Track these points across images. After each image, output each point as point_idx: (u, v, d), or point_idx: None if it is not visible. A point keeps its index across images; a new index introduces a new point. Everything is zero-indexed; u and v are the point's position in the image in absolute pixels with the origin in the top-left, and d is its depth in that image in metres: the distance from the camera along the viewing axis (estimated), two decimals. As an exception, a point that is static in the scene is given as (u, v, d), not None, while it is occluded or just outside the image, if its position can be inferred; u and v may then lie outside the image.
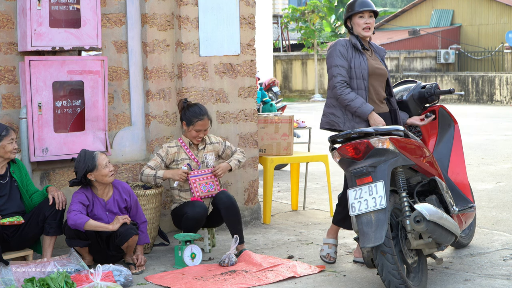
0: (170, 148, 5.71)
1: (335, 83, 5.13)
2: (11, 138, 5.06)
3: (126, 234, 5.14)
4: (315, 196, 8.24)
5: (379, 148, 4.50)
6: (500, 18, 32.61)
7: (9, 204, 5.10)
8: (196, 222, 5.49)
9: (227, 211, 5.52)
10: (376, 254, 4.40)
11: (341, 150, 4.62)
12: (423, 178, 4.88)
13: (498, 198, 7.77)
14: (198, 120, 5.67)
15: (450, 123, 5.63)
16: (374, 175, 4.48)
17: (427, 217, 4.42)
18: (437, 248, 4.68)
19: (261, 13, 20.19)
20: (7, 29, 5.60)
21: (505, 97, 23.53)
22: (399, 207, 4.65)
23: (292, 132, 6.95)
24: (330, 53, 5.22)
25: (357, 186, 4.52)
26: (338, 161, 4.70)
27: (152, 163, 5.66)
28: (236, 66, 6.51)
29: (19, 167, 5.21)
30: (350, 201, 4.50)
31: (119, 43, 6.14)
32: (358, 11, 5.21)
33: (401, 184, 4.62)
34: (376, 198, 4.41)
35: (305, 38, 29.08)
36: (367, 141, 4.52)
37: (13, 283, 4.76)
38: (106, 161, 5.20)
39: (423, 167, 4.80)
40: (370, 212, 4.42)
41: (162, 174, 5.61)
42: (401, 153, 4.57)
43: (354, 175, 4.54)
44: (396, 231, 4.58)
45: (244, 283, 4.88)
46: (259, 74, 13.18)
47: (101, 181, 5.21)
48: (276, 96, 15.72)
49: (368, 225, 4.40)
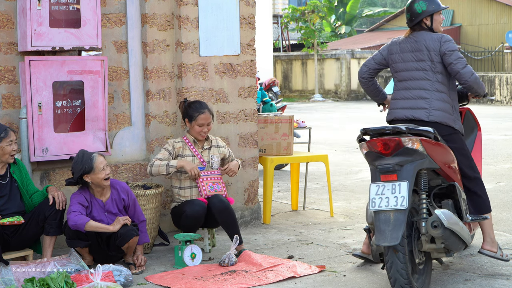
0: (176, 143, 5.74)
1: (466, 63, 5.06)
2: (10, 140, 5.03)
3: (127, 235, 5.14)
4: (315, 196, 8.24)
5: (408, 147, 4.49)
6: (500, 18, 32.61)
7: (9, 204, 5.10)
8: (195, 221, 5.50)
9: (221, 215, 5.53)
10: (387, 250, 4.39)
11: (370, 143, 4.58)
12: (443, 182, 4.87)
13: (498, 198, 7.77)
14: (200, 114, 5.70)
15: (474, 128, 5.58)
16: (399, 174, 4.46)
17: (445, 224, 4.42)
18: (446, 254, 4.67)
19: (261, 13, 20.20)
20: (7, 29, 5.60)
21: (505, 97, 23.52)
22: (416, 207, 4.63)
23: (292, 132, 6.95)
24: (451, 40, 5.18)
25: (380, 182, 4.50)
26: (365, 153, 4.65)
27: (161, 155, 5.68)
28: (236, 66, 6.51)
29: (19, 167, 5.20)
30: (371, 195, 4.47)
31: (119, 43, 6.14)
32: (443, 7, 5.21)
33: (422, 186, 4.60)
34: (398, 198, 4.39)
35: (305, 38, 29.07)
36: (399, 139, 4.50)
37: (13, 283, 4.76)
38: (103, 164, 5.18)
39: (446, 172, 4.78)
40: (390, 211, 4.39)
41: (175, 163, 5.60)
42: (428, 155, 4.56)
43: (380, 170, 4.51)
44: (409, 231, 4.55)
45: (244, 283, 4.89)
46: (259, 74, 13.19)
47: (97, 184, 5.21)
48: (276, 96, 15.74)
49: (386, 223, 4.37)
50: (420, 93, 5.04)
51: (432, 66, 5.05)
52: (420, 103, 5.02)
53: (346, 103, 26.96)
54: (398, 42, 5.25)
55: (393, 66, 5.25)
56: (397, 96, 5.19)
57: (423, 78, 5.06)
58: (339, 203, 7.78)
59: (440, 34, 5.14)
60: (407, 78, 5.14)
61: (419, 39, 5.12)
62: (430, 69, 5.06)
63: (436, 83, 5.05)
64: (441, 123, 4.97)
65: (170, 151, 5.70)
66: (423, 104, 5.01)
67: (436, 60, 5.04)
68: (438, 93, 5.03)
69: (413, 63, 5.12)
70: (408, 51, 5.14)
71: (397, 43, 5.25)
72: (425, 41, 5.08)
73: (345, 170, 10.20)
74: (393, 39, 5.34)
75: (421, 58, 5.08)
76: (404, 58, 5.17)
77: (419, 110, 5.00)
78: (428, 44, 5.06)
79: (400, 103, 5.13)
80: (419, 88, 5.06)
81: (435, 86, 5.04)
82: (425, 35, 5.12)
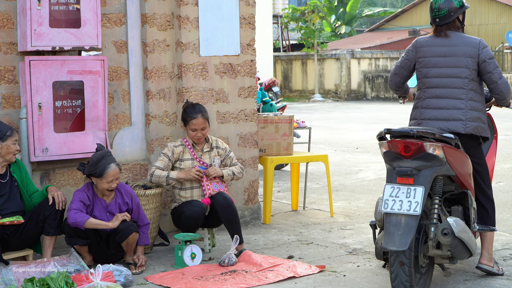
0: (176, 147, 5.72)
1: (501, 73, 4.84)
2: (15, 139, 5.09)
3: (126, 231, 5.14)
4: (315, 196, 8.24)
5: (429, 153, 4.41)
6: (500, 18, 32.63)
7: (9, 203, 5.10)
8: (194, 221, 5.50)
9: (224, 212, 5.53)
10: (393, 262, 4.33)
11: (391, 143, 4.47)
12: (456, 188, 4.80)
13: (498, 198, 7.76)
14: (192, 119, 5.69)
15: (491, 134, 5.45)
16: (416, 178, 4.39)
17: (456, 233, 4.38)
18: (449, 261, 4.59)
19: (261, 13, 20.21)
20: (7, 29, 5.60)
21: (505, 97, 23.52)
22: (427, 211, 4.54)
23: (292, 132, 6.95)
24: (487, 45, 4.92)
25: (396, 184, 4.42)
26: (384, 152, 4.55)
27: (160, 163, 5.66)
28: (236, 66, 6.51)
29: (19, 166, 5.21)
30: (385, 196, 4.40)
31: (119, 43, 6.14)
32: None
33: (437, 191, 4.53)
34: (412, 203, 4.32)
35: (305, 38, 29.08)
36: (421, 144, 4.40)
37: (13, 283, 4.76)
38: (115, 178, 5.18)
39: (461, 180, 4.70)
40: (402, 215, 4.32)
41: (175, 175, 5.61)
42: (447, 162, 4.49)
43: (397, 172, 4.43)
44: (417, 234, 4.46)
45: (244, 283, 4.89)
46: (259, 74, 13.18)
47: (99, 188, 5.22)
48: (276, 96, 15.73)
49: (396, 227, 4.30)
50: (455, 103, 4.78)
51: (469, 73, 4.79)
52: (455, 114, 4.77)
53: (346, 103, 26.96)
54: (427, 44, 4.91)
55: (420, 71, 4.93)
56: (426, 105, 4.89)
57: (457, 87, 4.79)
58: (339, 203, 7.79)
59: (477, 38, 4.85)
60: (439, 85, 4.84)
61: (454, 43, 4.82)
62: (466, 77, 4.78)
63: (471, 91, 4.79)
64: (476, 134, 4.81)
65: (170, 157, 5.69)
66: (458, 115, 4.77)
67: (473, 67, 4.78)
68: (473, 102, 4.79)
69: (447, 70, 4.82)
70: (441, 55, 4.83)
71: (425, 45, 4.92)
72: (462, 46, 4.79)
73: (345, 170, 10.20)
74: (418, 39, 4.98)
75: (456, 65, 4.79)
76: (436, 63, 4.86)
77: (454, 122, 4.76)
78: (466, 50, 4.78)
79: (433, 113, 4.84)
80: (453, 97, 4.79)
81: (469, 95, 4.79)
82: (460, 39, 4.83)
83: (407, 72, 5.05)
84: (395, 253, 4.32)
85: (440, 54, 4.84)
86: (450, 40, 4.85)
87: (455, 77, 4.80)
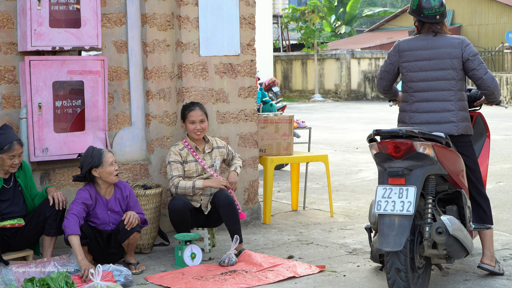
0: (181, 150, 5.72)
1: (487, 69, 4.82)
2: (13, 154, 4.97)
3: (128, 230, 5.14)
4: (315, 196, 8.24)
5: (420, 152, 4.39)
6: (500, 18, 32.62)
7: (12, 208, 5.09)
8: (179, 215, 5.48)
9: (225, 209, 5.53)
10: (390, 269, 4.32)
11: (381, 144, 4.47)
12: (449, 188, 4.79)
13: (498, 198, 7.77)
14: (190, 111, 5.72)
15: (483, 133, 5.45)
16: (408, 178, 4.38)
17: (450, 231, 4.36)
18: (446, 261, 4.58)
19: (261, 13, 20.22)
20: (7, 29, 5.60)
21: (505, 97, 23.52)
22: (420, 211, 4.53)
23: (292, 132, 6.95)
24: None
25: (388, 185, 4.43)
26: (375, 154, 4.55)
27: (177, 171, 5.63)
28: (236, 66, 6.51)
29: (24, 171, 5.18)
30: (377, 197, 4.40)
31: (119, 43, 6.14)
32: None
33: (429, 191, 4.52)
34: (404, 203, 4.31)
35: (305, 38, 29.09)
36: (411, 143, 4.39)
37: (13, 283, 4.76)
38: (112, 160, 5.22)
39: (454, 179, 4.70)
40: (395, 215, 4.31)
41: (201, 184, 5.59)
42: (439, 161, 4.48)
43: (389, 173, 4.43)
44: (412, 235, 4.46)
45: (244, 283, 4.89)
46: (259, 74, 13.19)
47: (105, 179, 5.21)
48: (276, 96, 15.75)
49: (390, 228, 4.29)
50: (445, 105, 4.78)
51: (455, 74, 4.79)
52: (446, 116, 4.78)
53: (346, 103, 26.97)
54: (409, 47, 4.90)
55: (405, 75, 4.91)
56: (416, 109, 4.87)
57: (445, 89, 4.79)
58: (339, 203, 7.79)
59: (459, 37, 4.84)
60: (426, 89, 4.83)
61: (436, 45, 4.82)
62: (453, 78, 4.79)
63: (459, 92, 4.80)
64: (466, 134, 4.83)
65: (180, 161, 5.68)
66: (449, 117, 4.77)
67: (459, 67, 4.79)
68: (461, 102, 4.81)
69: (433, 73, 4.81)
70: (425, 59, 4.83)
71: (407, 49, 4.90)
72: (445, 48, 4.79)
73: (345, 170, 10.20)
74: (400, 43, 4.96)
75: (442, 67, 4.80)
76: (421, 67, 4.85)
77: (446, 124, 4.76)
78: (450, 51, 4.78)
79: (423, 116, 4.83)
80: (442, 99, 4.80)
81: (458, 96, 4.79)
82: (443, 40, 4.83)
83: (392, 75, 5.05)
84: (391, 258, 4.31)
85: (424, 58, 4.84)
86: (433, 41, 4.85)
87: (442, 80, 4.81)
